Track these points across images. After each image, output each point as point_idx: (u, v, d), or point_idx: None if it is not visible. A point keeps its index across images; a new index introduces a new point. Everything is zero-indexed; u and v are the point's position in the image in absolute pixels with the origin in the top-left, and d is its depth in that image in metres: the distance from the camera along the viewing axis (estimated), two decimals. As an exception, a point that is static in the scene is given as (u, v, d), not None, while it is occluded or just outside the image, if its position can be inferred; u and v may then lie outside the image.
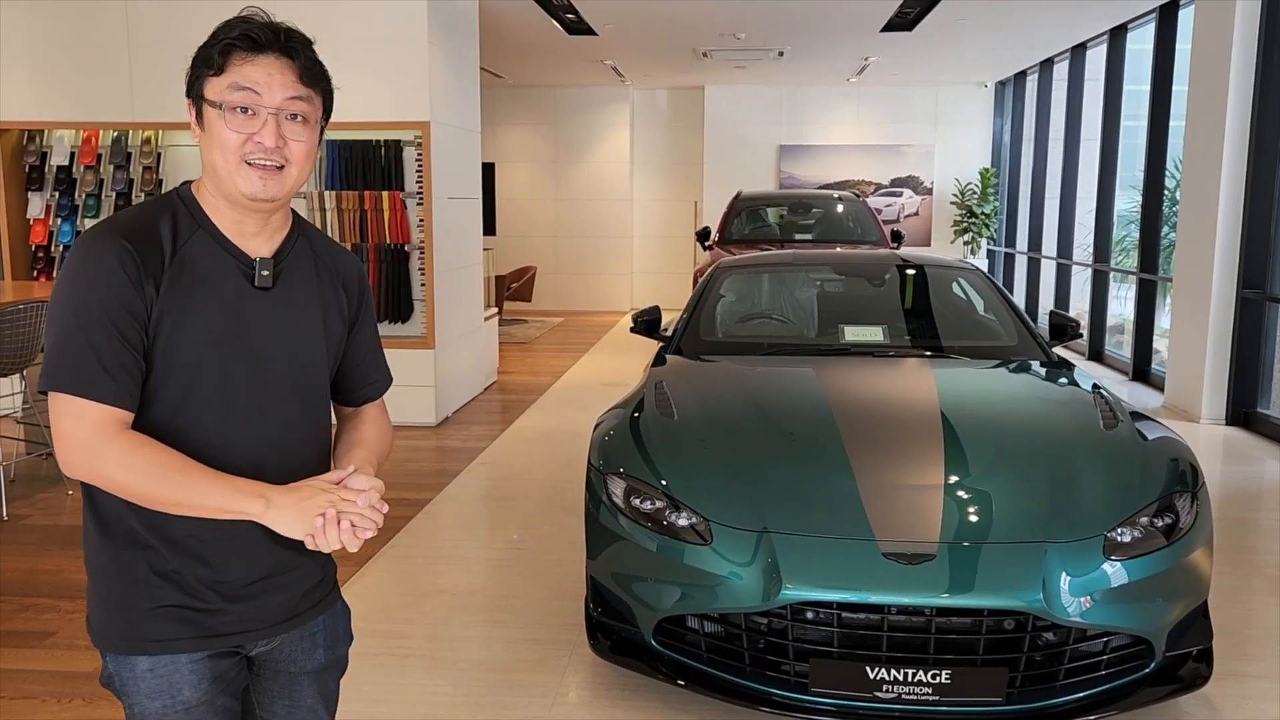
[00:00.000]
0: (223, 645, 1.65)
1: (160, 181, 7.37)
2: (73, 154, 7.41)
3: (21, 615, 3.91)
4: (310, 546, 1.54)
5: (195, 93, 1.58)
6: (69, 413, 1.49)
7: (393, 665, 3.48)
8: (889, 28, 9.87)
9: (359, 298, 1.81)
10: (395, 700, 3.26)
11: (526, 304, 13.68)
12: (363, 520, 1.54)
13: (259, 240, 1.66)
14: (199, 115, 1.59)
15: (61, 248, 7.43)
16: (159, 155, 7.37)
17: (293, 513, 1.52)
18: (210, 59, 1.56)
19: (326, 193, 7.11)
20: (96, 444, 1.48)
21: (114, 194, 7.38)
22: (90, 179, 7.38)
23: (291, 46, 1.60)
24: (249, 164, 1.56)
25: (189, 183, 1.66)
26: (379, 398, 1.90)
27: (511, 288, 12.83)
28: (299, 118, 1.60)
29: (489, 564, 4.53)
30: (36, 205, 7.42)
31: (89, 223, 7.37)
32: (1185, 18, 8.53)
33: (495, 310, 9.37)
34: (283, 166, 1.59)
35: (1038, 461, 3.21)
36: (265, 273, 1.64)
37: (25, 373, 5.48)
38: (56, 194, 7.44)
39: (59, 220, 7.44)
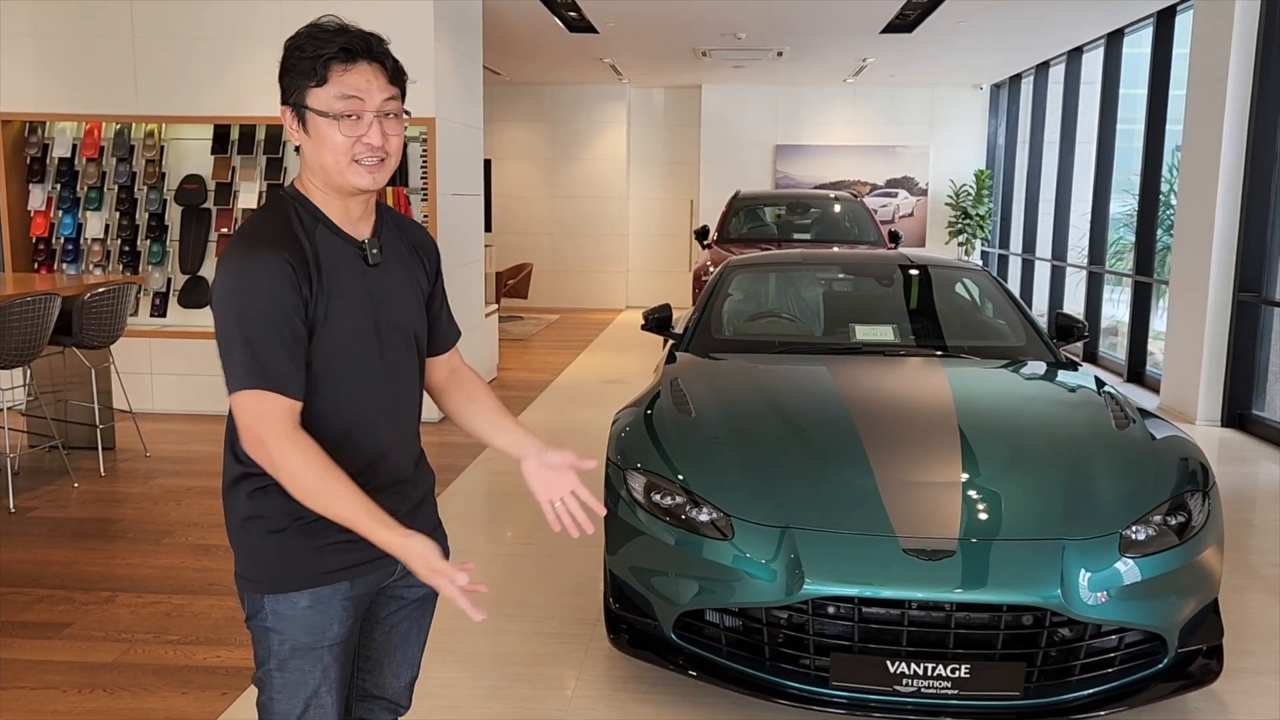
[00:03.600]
0: (378, 571, 1.85)
1: (164, 175, 7.36)
2: (75, 146, 7.38)
3: (36, 606, 3.92)
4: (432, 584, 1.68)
5: (295, 101, 1.74)
6: (252, 408, 1.66)
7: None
8: (889, 29, 9.92)
9: (435, 260, 2.02)
10: (416, 692, 3.28)
11: (523, 301, 13.70)
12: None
13: (361, 224, 1.84)
14: (301, 121, 1.74)
15: (63, 240, 7.41)
16: (162, 148, 7.35)
17: (415, 562, 1.65)
18: (311, 71, 1.71)
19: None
20: (274, 438, 1.65)
21: (116, 187, 7.36)
22: (92, 172, 7.36)
23: (382, 51, 1.77)
24: (357, 162, 1.74)
25: (277, 185, 1.75)
26: (457, 341, 2.11)
27: (508, 284, 12.85)
28: (392, 115, 1.77)
29: (498, 559, 4.56)
30: (38, 197, 7.40)
31: (90, 215, 7.37)
32: (1182, 23, 8.61)
33: (495, 306, 9.39)
34: (384, 159, 1.76)
35: (1053, 460, 3.26)
36: (375, 251, 1.84)
37: (30, 365, 5.48)
38: (58, 186, 7.42)
39: (60, 213, 7.41)
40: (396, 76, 1.78)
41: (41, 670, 3.39)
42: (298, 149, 1.82)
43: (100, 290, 5.61)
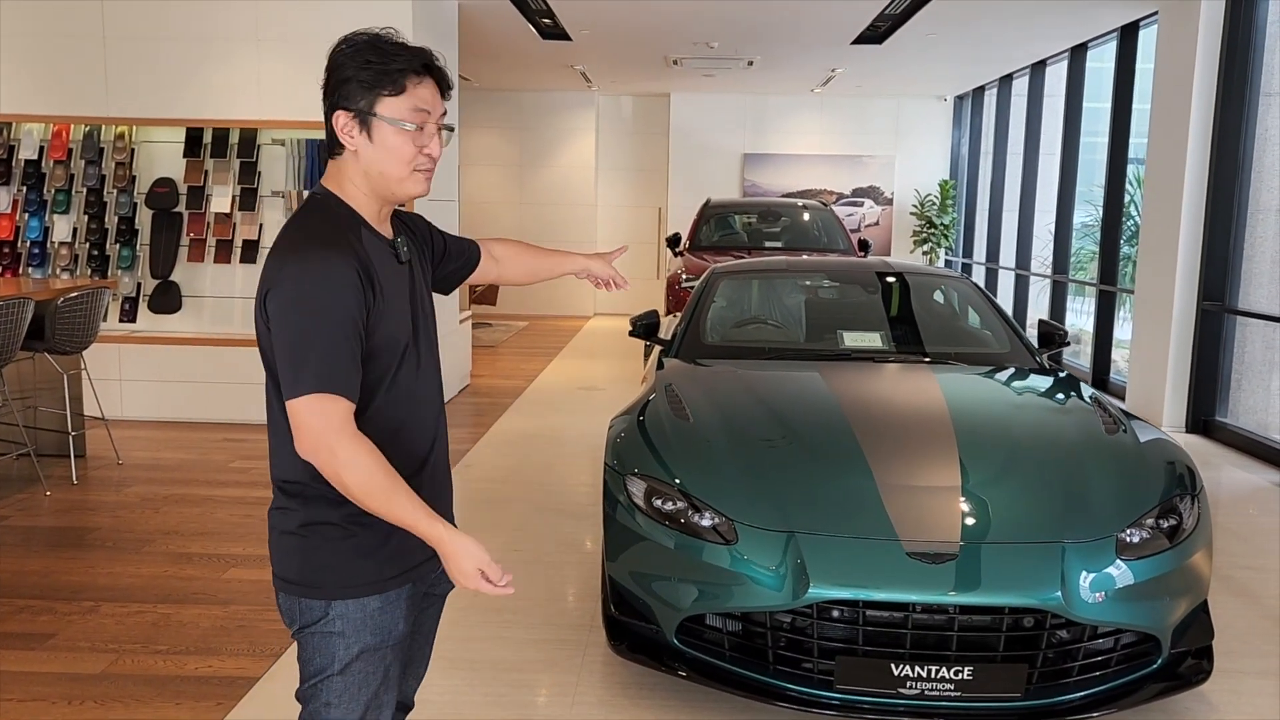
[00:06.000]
0: (430, 569, 1.93)
1: (134, 178, 7.24)
2: (42, 148, 7.25)
3: (17, 617, 3.84)
4: (470, 586, 1.75)
5: (364, 108, 1.77)
6: (321, 412, 1.67)
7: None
8: (860, 40, 10.04)
9: (428, 229, 2.15)
10: (416, 699, 3.26)
11: (492, 307, 13.64)
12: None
13: (386, 225, 1.92)
14: (366, 128, 1.78)
15: (29, 243, 7.27)
16: (133, 151, 7.24)
17: (466, 560, 1.72)
18: (386, 81, 1.77)
19: (306, 193, 7.04)
20: (335, 439, 1.67)
21: (85, 190, 7.23)
22: (60, 174, 7.23)
23: (442, 68, 1.88)
24: (417, 171, 1.83)
25: (315, 192, 1.86)
26: (475, 244, 2.30)
27: (477, 291, 12.79)
28: (445, 128, 1.89)
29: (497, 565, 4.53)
30: (3, 199, 7.25)
31: (58, 218, 7.24)
32: (1145, 38, 8.81)
33: (468, 313, 9.35)
34: (432, 169, 1.87)
35: (1047, 464, 3.32)
36: (405, 249, 1.92)
37: (0, 371, 5.37)
38: (24, 188, 7.28)
39: (26, 215, 7.27)
40: (448, 92, 1.89)
41: (29, 682, 3.32)
42: (332, 154, 1.84)
43: (73, 295, 5.51)
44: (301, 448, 1.70)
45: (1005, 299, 12.25)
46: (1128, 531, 3.02)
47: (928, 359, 4.38)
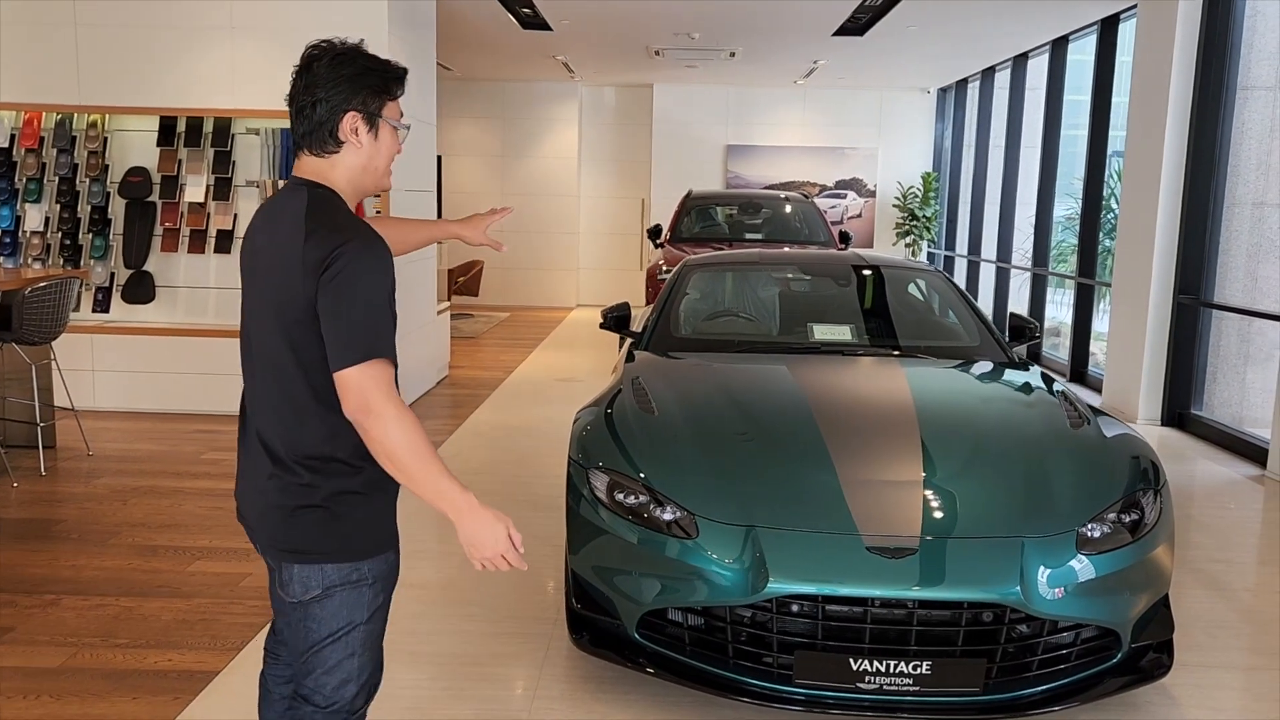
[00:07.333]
0: None
1: (107, 167, 7.17)
2: (13, 136, 7.17)
3: (-24, 611, 3.80)
4: (480, 564, 1.98)
5: (374, 110, 1.99)
6: (377, 376, 1.84)
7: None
8: (841, 32, 10.02)
9: None
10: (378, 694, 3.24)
11: (474, 299, 13.60)
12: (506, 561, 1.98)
13: None
14: (373, 128, 2.00)
15: (0, 232, 7.18)
16: (105, 139, 7.17)
17: (488, 530, 1.92)
18: (389, 89, 2.02)
19: (280, 182, 6.98)
20: (386, 400, 1.83)
21: (57, 179, 7.16)
22: (32, 163, 7.15)
23: None
24: (390, 166, 2.08)
25: (314, 184, 1.98)
26: None
27: (459, 282, 12.74)
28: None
29: (458, 558, 4.50)
30: (-26, 188, 7.17)
31: (29, 208, 7.16)
32: (1125, 31, 8.81)
33: (446, 304, 9.30)
34: None
35: (1010, 459, 3.31)
36: None
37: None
38: (-5, 177, 7.20)
39: (-3, 204, 7.20)
40: None
41: (-16, 676, 3.28)
42: (324, 151, 1.98)
43: (41, 285, 5.46)
44: (350, 407, 1.83)
45: (987, 292, 12.27)
46: (1089, 526, 3.01)
47: (898, 352, 4.37)
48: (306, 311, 1.85)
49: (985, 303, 12.23)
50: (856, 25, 9.69)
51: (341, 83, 1.94)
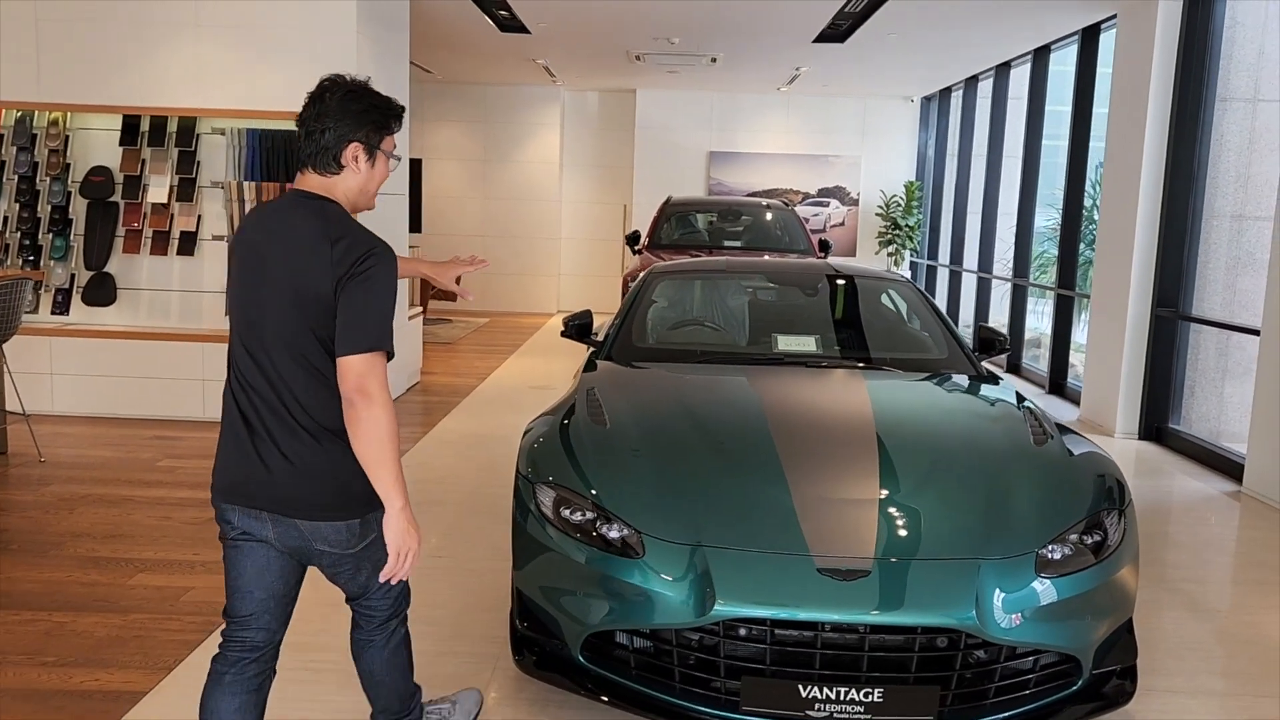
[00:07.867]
0: None
1: (69, 166, 7.02)
2: (-28, 133, 7.02)
3: (-98, 625, 3.65)
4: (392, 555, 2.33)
5: (374, 143, 2.34)
6: (379, 363, 2.21)
7: (308, 679, 3.33)
8: (821, 38, 9.93)
9: None
10: (312, 716, 3.12)
11: (452, 304, 13.46)
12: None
13: None
14: (371, 158, 2.34)
15: (-42, 232, 7.03)
16: (67, 138, 7.02)
17: (415, 533, 2.33)
18: (390, 125, 2.37)
19: (246, 184, 6.84)
20: (379, 385, 2.20)
21: (16, 177, 7.00)
22: (-9, 161, 7.00)
23: None
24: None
25: (326, 198, 2.33)
26: None
27: (434, 289, 12.59)
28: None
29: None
30: (-69, 186, 7.01)
31: (-11, 207, 7.00)
32: (1106, 41, 8.75)
33: (420, 309, 9.17)
34: None
35: (971, 477, 3.20)
36: None
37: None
38: (-46, 175, 7.04)
39: (-44, 203, 7.04)
40: None
41: (-100, 696, 3.14)
42: (326, 170, 2.31)
43: (-9, 286, 5.31)
44: (349, 386, 2.17)
45: (968, 302, 12.20)
46: (1049, 547, 2.90)
47: (863, 365, 4.26)
48: (325, 300, 2.18)
49: (967, 313, 12.16)
50: (837, 32, 9.61)
51: (349, 116, 2.29)
